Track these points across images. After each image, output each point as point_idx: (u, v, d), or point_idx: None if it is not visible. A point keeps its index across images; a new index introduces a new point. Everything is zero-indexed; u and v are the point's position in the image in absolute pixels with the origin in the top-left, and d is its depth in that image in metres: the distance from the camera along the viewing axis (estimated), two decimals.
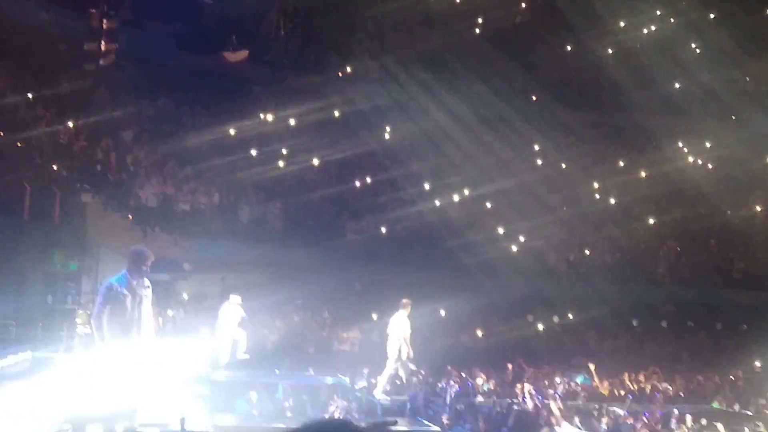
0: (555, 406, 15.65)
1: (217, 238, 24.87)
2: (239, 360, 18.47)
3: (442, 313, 24.83)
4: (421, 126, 30.15)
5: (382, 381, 18.11)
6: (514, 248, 28.50)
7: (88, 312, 18.64)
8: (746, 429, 16.31)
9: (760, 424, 17.04)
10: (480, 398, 18.95)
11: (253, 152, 27.78)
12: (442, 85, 30.83)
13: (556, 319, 26.88)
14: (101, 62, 23.12)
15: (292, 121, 29.31)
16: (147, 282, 10.39)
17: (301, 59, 31.15)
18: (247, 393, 16.11)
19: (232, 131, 27.85)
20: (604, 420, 16.25)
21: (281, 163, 28.04)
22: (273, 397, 16.57)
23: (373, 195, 28.69)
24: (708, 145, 32.80)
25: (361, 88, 30.39)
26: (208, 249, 24.15)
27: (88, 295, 19.99)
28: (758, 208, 31.67)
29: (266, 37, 31.59)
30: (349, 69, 31.33)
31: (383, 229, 27.50)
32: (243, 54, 30.49)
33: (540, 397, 18.46)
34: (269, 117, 29.18)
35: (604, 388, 21.93)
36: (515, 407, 17.50)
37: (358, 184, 28.98)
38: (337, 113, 30.30)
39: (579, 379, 22.41)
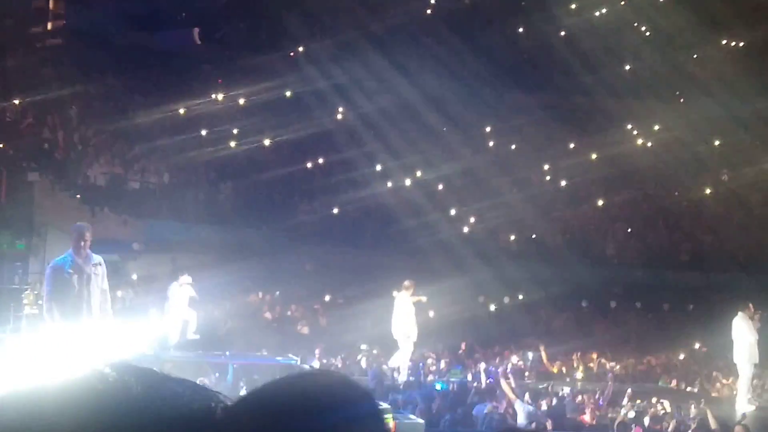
0: (506, 384, 15.77)
1: (168, 218, 24.67)
2: (189, 340, 18.34)
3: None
4: (373, 107, 30.09)
5: (404, 364, 18.34)
6: (466, 229, 28.65)
7: (36, 292, 18.40)
8: (692, 406, 16.55)
9: (703, 400, 17.34)
10: (431, 378, 19.02)
11: (204, 132, 27.56)
12: (394, 66, 30.79)
13: (506, 299, 27.08)
14: (49, 27, 22.73)
15: (242, 101, 29.09)
16: (97, 259, 10.29)
17: (252, 38, 30.90)
18: (197, 374, 15.99)
19: (181, 110, 27.58)
20: (547, 400, 16.40)
21: (232, 143, 27.86)
22: (222, 378, 16.49)
23: (325, 176, 28.63)
24: (656, 127, 33.15)
25: (312, 68, 30.24)
26: (158, 229, 23.95)
27: (35, 275, 19.71)
28: (706, 191, 32.09)
29: (217, 15, 31.28)
30: (300, 48, 31.15)
31: (335, 210, 27.47)
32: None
33: (491, 377, 18.61)
34: (220, 96, 28.95)
35: (553, 367, 22.14)
36: (473, 386, 17.62)
37: (309, 164, 28.88)
38: (288, 93, 30.12)
39: (529, 358, 22.60)
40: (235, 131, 28.07)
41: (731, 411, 16.59)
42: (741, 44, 34.34)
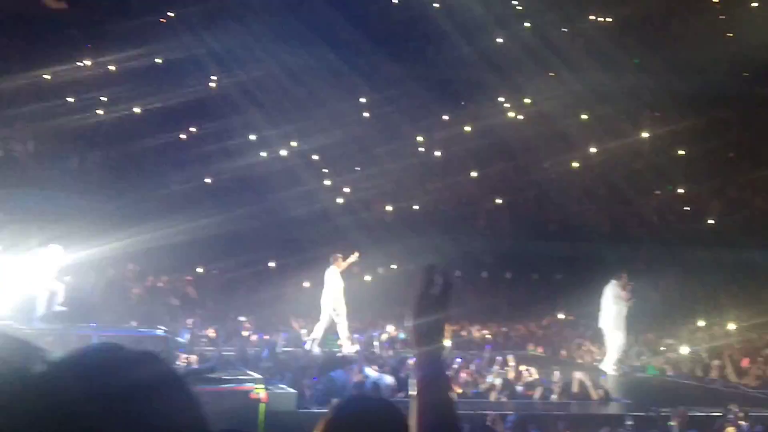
0: (361, 352, 16.19)
1: (34, 186, 23.92)
2: (55, 312, 17.86)
3: (272, 264, 24.84)
4: (247, 76, 29.78)
5: (317, 335, 18.47)
6: (340, 200, 28.73)
7: None
8: (557, 372, 17.07)
9: (572, 366, 17.96)
10: (308, 347, 19.06)
11: (71, 99, 26.79)
12: (267, 35, 30.47)
13: (380, 270, 27.31)
14: None
15: (112, 67, 28.37)
16: None
17: (122, 2, 30.09)
18: (62, 346, 15.61)
19: (47, 76, 26.73)
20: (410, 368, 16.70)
21: (101, 111, 27.19)
22: None
23: (197, 145, 28.22)
24: (527, 100, 33.77)
25: (184, 35, 29.66)
26: (23, 198, 23.20)
27: None
28: (573, 164, 32.91)
29: None
30: (171, 14, 30.51)
31: (208, 180, 27.15)
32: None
33: (358, 346, 18.91)
34: (88, 62, 28.15)
35: None
36: (339, 355, 17.78)
37: (181, 133, 28.45)
38: (159, 60, 29.50)
39: (402, 327, 22.87)
40: (104, 98, 27.40)
41: (595, 376, 17.18)
42: (609, 19, 35.18)
